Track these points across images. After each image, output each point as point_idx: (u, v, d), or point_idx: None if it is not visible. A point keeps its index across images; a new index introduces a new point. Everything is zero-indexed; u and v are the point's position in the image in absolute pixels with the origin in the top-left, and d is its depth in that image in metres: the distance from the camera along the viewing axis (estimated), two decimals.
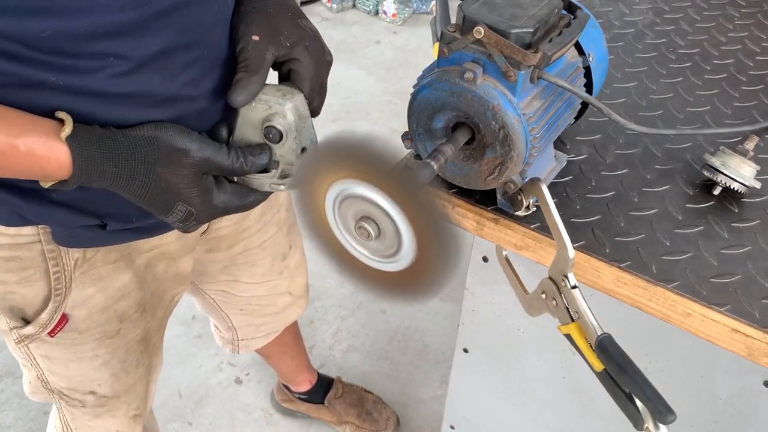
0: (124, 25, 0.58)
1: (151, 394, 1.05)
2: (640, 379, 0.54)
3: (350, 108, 2.66)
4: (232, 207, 0.68)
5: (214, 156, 0.64)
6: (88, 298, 0.81)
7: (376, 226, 0.55)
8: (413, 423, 1.65)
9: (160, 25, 0.61)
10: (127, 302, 0.85)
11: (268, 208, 1.02)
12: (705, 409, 0.84)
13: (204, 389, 1.72)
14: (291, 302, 1.20)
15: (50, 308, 0.79)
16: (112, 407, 0.97)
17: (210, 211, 0.66)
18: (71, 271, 0.78)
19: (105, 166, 0.60)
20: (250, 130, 0.67)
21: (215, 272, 1.05)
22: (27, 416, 1.63)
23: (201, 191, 0.64)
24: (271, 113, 0.66)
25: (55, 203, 0.69)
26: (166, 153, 0.62)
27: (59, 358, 0.87)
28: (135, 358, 0.93)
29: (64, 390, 0.93)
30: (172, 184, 0.63)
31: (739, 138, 0.86)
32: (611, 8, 1.14)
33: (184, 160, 0.62)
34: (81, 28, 0.56)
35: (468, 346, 1.05)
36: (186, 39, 0.64)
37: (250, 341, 1.24)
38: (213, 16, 0.66)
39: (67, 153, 0.59)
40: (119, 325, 0.87)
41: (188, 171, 0.63)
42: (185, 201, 0.64)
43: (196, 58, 0.66)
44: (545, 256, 0.72)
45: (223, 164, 0.64)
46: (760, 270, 0.70)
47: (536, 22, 0.62)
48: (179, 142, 0.62)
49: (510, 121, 0.63)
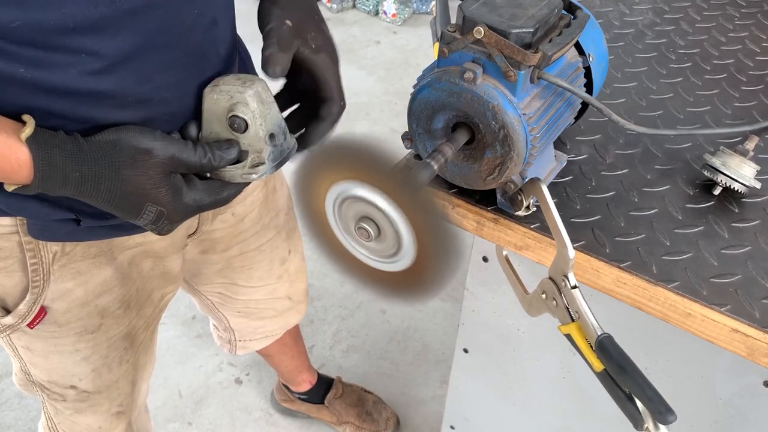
0: (96, 21, 0.57)
1: (140, 392, 1.04)
2: (640, 379, 0.54)
3: (350, 108, 2.65)
4: (204, 204, 0.67)
5: (179, 153, 0.63)
6: (67, 291, 0.81)
7: (376, 226, 0.56)
8: (413, 423, 1.65)
9: (134, 23, 0.60)
10: (108, 298, 0.85)
11: (266, 211, 1.02)
12: (705, 409, 0.84)
13: (204, 389, 1.72)
14: (290, 307, 1.20)
15: (28, 300, 0.79)
16: (94, 403, 0.96)
17: (181, 209, 0.65)
18: (49, 264, 0.77)
19: (67, 171, 0.59)
20: (216, 123, 0.67)
21: (211, 274, 1.05)
22: (27, 416, 1.63)
23: (170, 190, 0.63)
24: (233, 103, 0.65)
25: (28, 196, 0.68)
26: (129, 155, 0.61)
27: (40, 350, 0.87)
28: (118, 355, 0.92)
29: (45, 383, 0.93)
30: (139, 185, 0.62)
31: (739, 138, 0.86)
32: (611, 8, 1.14)
33: (150, 160, 0.61)
34: (51, 21, 0.55)
35: (468, 346, 1.05)
36: (162, 40, 0.63)
37: (247, 342, 1.24)
38: (192, 20, 0.65)
39: (27, 154, 0.58)
40: (100, 321, 0.86)
41: (154, 171, 0.62)
42: (154, 201, 0.63)
43: (173, 61, 0.65)
44: (545, 256, 0.72)
45: (189, 161, 0.64)
46: (760, 270, 0.70)
47: (536, 22, 0.61)
48: (142, 143, 0.61)
49: (510, 121, 0.63)
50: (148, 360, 1.02)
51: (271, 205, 1.03)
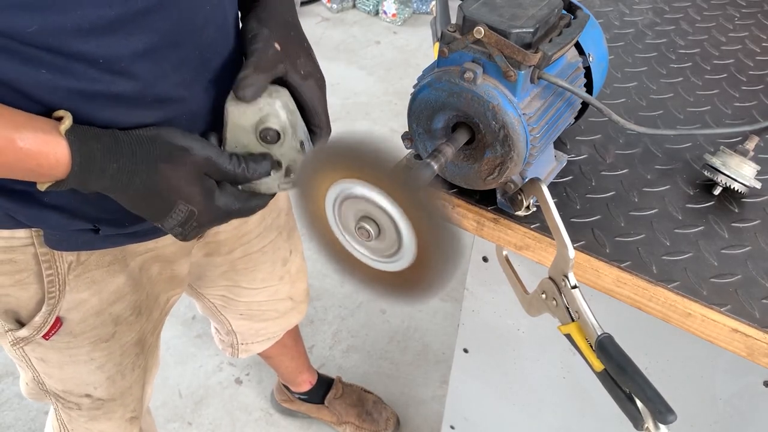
0: (111, 21, 0.57)
1: (147, 395, 1.05)
2: (640, 379, 0.54)
3: (350, 108, 2.66)
4: (233, 210, 0.67)
5: (216, 157, 0.63)
6: (82, 301, 0.81)
7: (376, 226, 0.55)
8: (413, 423, 1.65)
9: (148, 22, 0.60)
10: (121, 305, 0.85)
11: (268, 212, 1.02)
12: (705, 409, 0.84)
13: (204, 389, 1.72)
14: (292, 307, 1.20)
15: (44, 311, 0.79)
16: (109, 410, 0.96)
17: (212, 212, 0.66)
18: (65, 275, 0.77)
19: (105, 163, 0.60)
20: (244, 136, 0.66)
21: (214, 277, 1.05)
22: (27, 416, 1.63)
23: (203, 190, 0.64)
24: (263, 115, 0.65)
25: (48, 207, 0.69)
26: (167, 150, 0.61)
27: (54, 361, 0.87)
28: (131, 361, 0.93)
29: (59, 393, 0.93)
30: (174, 180, 0.62)
31: (739, 138, 0.86)
32: (611, 8, 1.14)
33: (186, 158, 0.62)
34: (68, 24, 0.56)
35: (468, 346, 1.05)
36: (175, 38, 0.63)
37: (249, 345, 1.24)
38: (204, 17, 0.65)
39: (65, 148, 0.58)
40: (114, 329, 0.86)
41: (190, 168, 0.62)
42: (187, 200, 0.63)
43: (186, 58, 0.65)
44: (545, 256, 0.72)
45: (224, 167, 0.64)
46: (760, 270, 0.70)
47: (536, 22, 0.61)
48: (181, 141, 0.62)
49: (510, 121, 0.63)
50: (155, 363, 1.03)
51: (273, 206, 1.03)
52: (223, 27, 0.69)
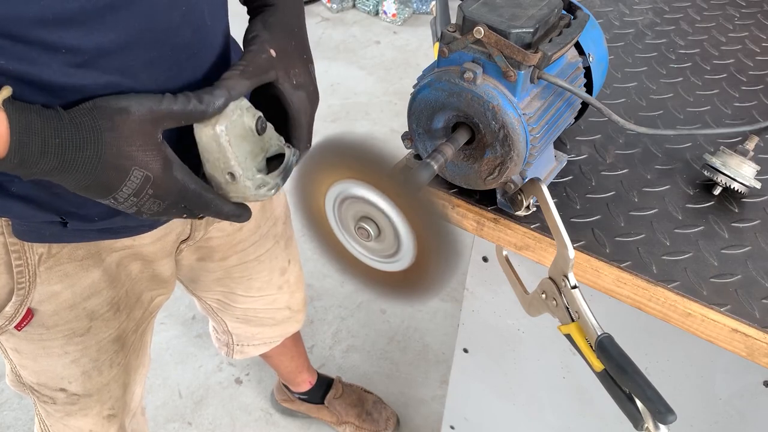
0: (75, 14, 0.56)
1: (133, 395, 1.03)
2: (640, 379, 0.54)
3: (350, 108, 2.66)
4: (189, 189, 0.64)
5: (157, 105, 0.60)
6: (54, 294, 0.80)
7: (376, 226, 0.56)
8: (413, 423, 1.65)
9: (115, 18, 0.59)
10: (97, 300, 0.84)
11: (264, 221, 1.01)
12: (705, 409, 0.84)
13: (204, 389, 1.72)
14: (289, 316, 1.20)
15: (14, 302, 0.78)
16: (84, 406, 0.95)
17: (169, 180, 0.62)
18: (35, 266, 0.77)
19: (46, 136, 0.56)
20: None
21: (209, 282, 1.05)
22: (27, 416, 1.63)
23: (159, 155, 0.61)
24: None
25: (14, 196, 0.68)
26: (108, 117, 0.59)
27: (28, 352, 0.87)
28: (108, 358, 0.92)
29: (34, 385, 0.92)
30: (124, 147, 0.59)
31: (739, 138, 0.86)
32: (611, 8, 1.14)
33: (128, 118, 0.59)
34: (30, 13, 0.54)
35: (468, 346, 1.05)
36: (147, 36, 0.61)
37: (245, 347, 1.24)
38: (180, 16, 0.64)
39: (3, 119, 0.54)
40: (89, 323, 0.85)
41: (137, 130, 0.59)
42: (142, 165, 0.60)
43: (157, 58, 0.63)
44: (545, 256, 0.72)
45: (172, 109, 0.61)
46: (760, 270, 0.70)
47: (536, 22, 0.62)
48: (117, 103, 0.59)
49: (510, 121, 0.63)
50: (141, 363, 1.01)
51: (269, 214, 1.02)
52: (201, 30, 0.67)
